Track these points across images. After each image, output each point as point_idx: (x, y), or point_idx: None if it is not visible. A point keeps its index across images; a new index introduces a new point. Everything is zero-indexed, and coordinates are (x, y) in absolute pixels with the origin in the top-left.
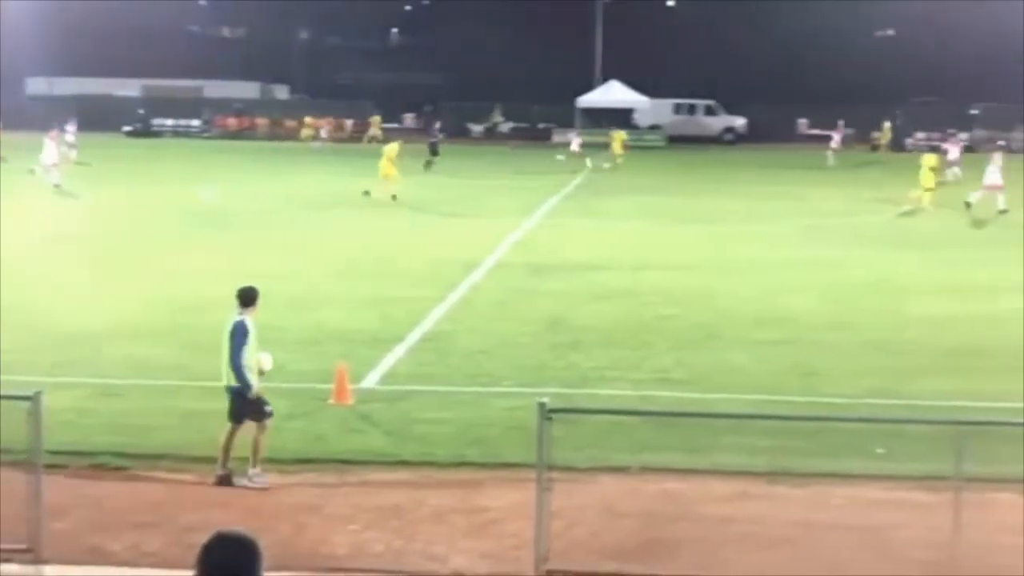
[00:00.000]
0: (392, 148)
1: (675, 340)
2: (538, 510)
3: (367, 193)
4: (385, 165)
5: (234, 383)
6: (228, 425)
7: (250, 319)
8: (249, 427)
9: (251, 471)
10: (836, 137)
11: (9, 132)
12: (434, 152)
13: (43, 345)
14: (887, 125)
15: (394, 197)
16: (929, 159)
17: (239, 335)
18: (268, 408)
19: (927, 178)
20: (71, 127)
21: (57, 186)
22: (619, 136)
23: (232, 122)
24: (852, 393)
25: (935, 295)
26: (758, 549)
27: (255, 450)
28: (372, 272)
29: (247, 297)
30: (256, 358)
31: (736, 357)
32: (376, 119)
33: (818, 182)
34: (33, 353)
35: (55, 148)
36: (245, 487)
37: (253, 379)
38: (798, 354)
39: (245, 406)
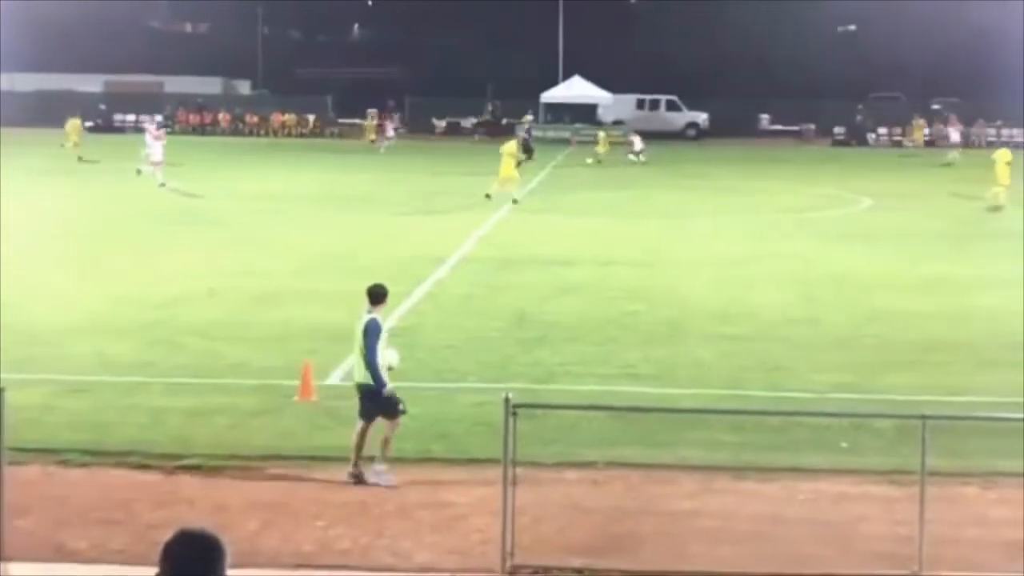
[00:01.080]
0: (511, 146)
1: (641, 335)
2: (504, 505)
3: (488, 197)
4: (506, 165)
5: (367, 381)
6: (359, 423)
7: (380, 316)
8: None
9: (378, 467)
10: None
11: None
12: (527, 151)
13: (8, 341)
14: (920, 122)
15: (515, 201)
16: (1004, 154)
17: (373, 333)
18: (401, 406)
19: (1003, 174)
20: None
21: (162, 185)
22: (606, 135)
23: (194, 117)
24: (817, 388)
25: (900, 290)
26: (723, 544)
27: (384, 447)
28: (338, 268)
29: (376, 295)
30: (385, 355)
31: (702, 352)
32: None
33: (781, 177)
34: None
35: (160, 146)
36: (375, 484)
37: (386, 377)
38: (763, 349)
39: (377, 404)
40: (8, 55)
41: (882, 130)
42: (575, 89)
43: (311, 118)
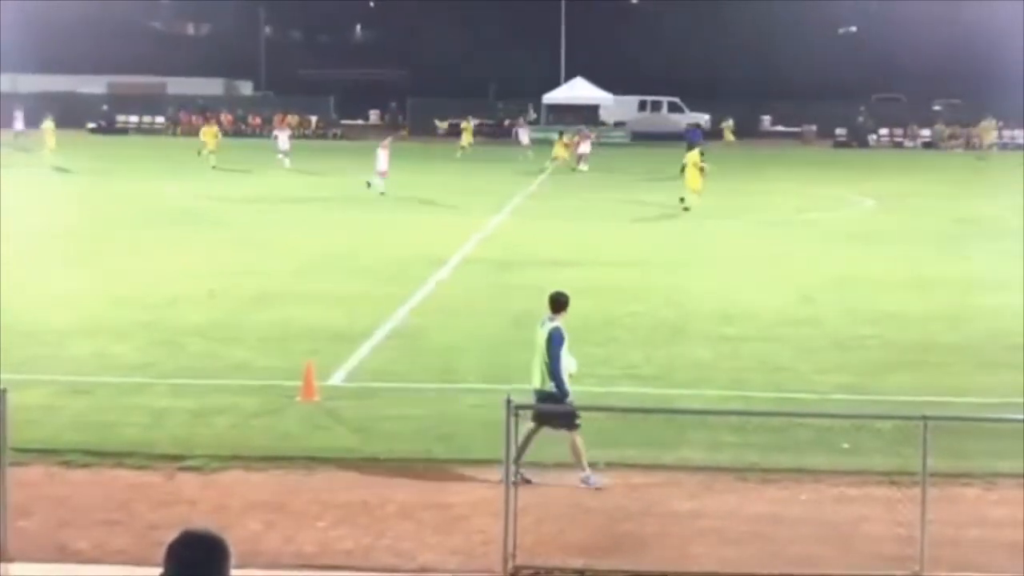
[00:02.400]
0: (695, 156)
1: (642, 336)
2: (506, 506)
3: (685, 207)
4: (693, 176)
5: (546, 388)
6: (530, 425)
7: (562, 324)
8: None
9: (584, 474)
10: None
11: None
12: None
13: (9, 342)
14: (989, 123)
15: (686, 208)
16: None
17: (557, 341)
18: (577, 420)
19: None
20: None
21: (382, 194)
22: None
23: (196, 118)
24: (819, 388)
25: (901, 291)
26: (725, 544)
27: (577, 453)
28: (339, 269)
29: (558, 302)
30: (567, 363)
31: (703, 353)
32: (467, 127)
33: (783, 178)
34: None
35: (386, 156)
36: (584, 487)
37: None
38: (765, 350)
39: (563, 414)
40: (10, 56)
41: (883, 131)
42: (577, 90)
43: (313, 119)
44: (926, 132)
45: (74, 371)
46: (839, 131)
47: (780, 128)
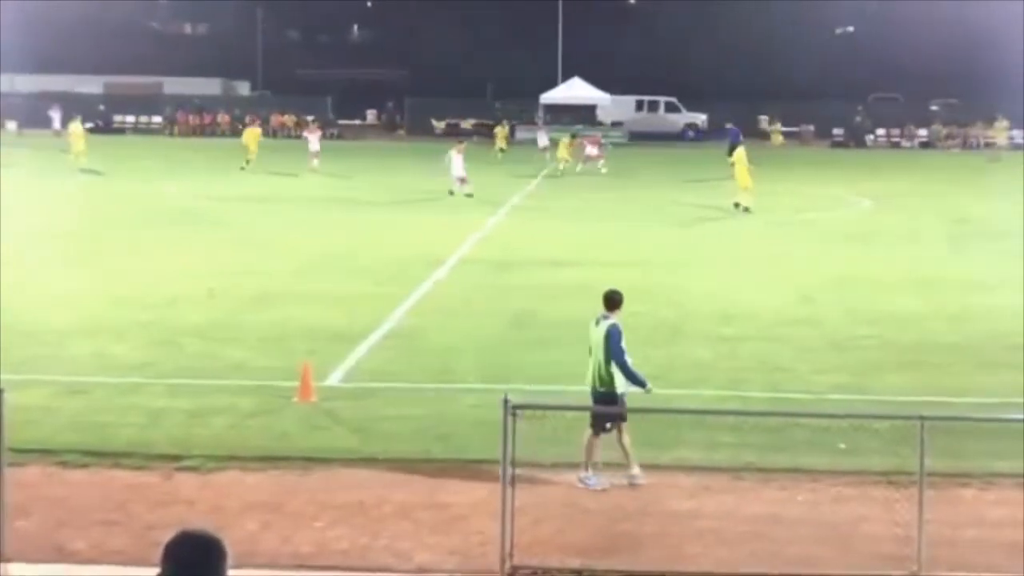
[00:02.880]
0: (742, 154)
1: (641, 336)
2: (503, 506)
3: (747, 210)
4: (742, 173)
5: (601, 388)
6: (587, 432)
7: (619, 322)
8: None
9: (634, 471)
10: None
11: None
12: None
13: (8, 342)
14: (1001, 124)
15: (746, 209)
16: None
17: (616, 338)
18: (608, 425)
19: None
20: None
21: (469, 195)
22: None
23: (193, 119)
24: (816, 388)
25: (899, 291)
26: (722, 544)
27: (590, 453)
28: (336, 269)
29: (613, 300)
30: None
31: (701, 353)
32: (501, 131)
33: (780, 178)
34: None
35: (461, 161)
36: (636, 484)
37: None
38: (762, 350)
39: (610, 414)
40: (8, 56)
41: (880, 131)
42: (574, 90)
43: (310, 119)
44: (923, 132)
45: (72, 371)
46: (836, 131)
47: (778, 127)
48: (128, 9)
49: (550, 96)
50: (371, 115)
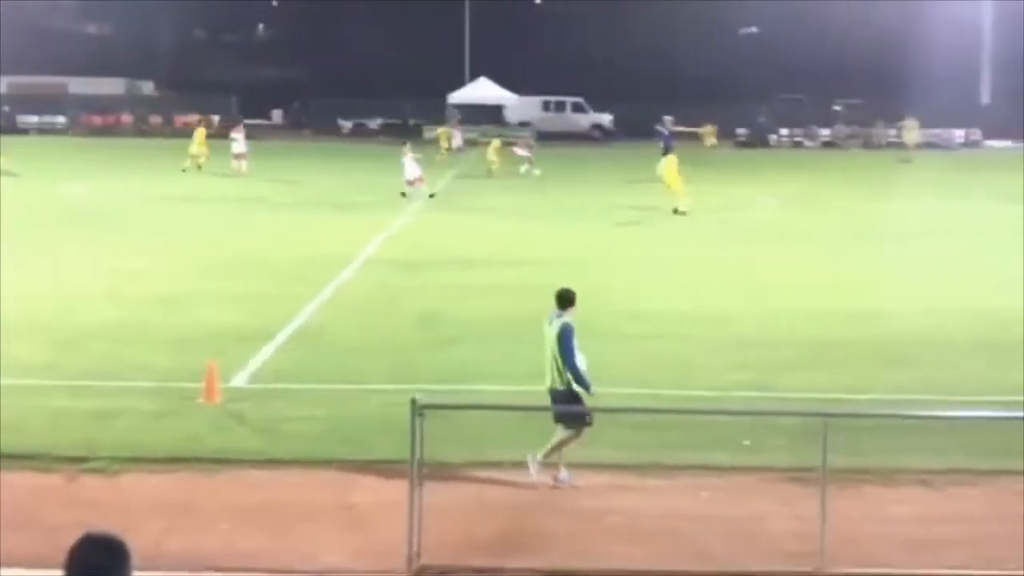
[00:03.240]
0: (673, 159)
1: None
2: (411, 506)
3: (683, 212)
4: (674, 178)
5: (560, 386)
6: (558, 428)
7: (571, 320)
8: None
9: (563, 474)
10: None
11: None
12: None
13: None
14: (912, 123)
15: (684, 212)
16: None
17: (568, 337)
18: (589, 418)
19: None
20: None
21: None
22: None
23: (97, 119)
24: (723, 386)
25: (803, 290)
26: (630, 541)
27: (557, 449)
28: (241, 269)
29: (566, 298)
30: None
31: (609, 351)
32: (444, 132)
33: (684, 178)
34: None
35: (411, 163)
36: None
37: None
38: (670, 348)
39: (568, 413)
40: None
41: (784, 131)
42: (481, 90)
43: (216, 119)
44: (826, 132)
45: None
46: (740, 131)
47: (682, 128)
48: (32, 8)
49: (458, 96)
50: (277, 115)
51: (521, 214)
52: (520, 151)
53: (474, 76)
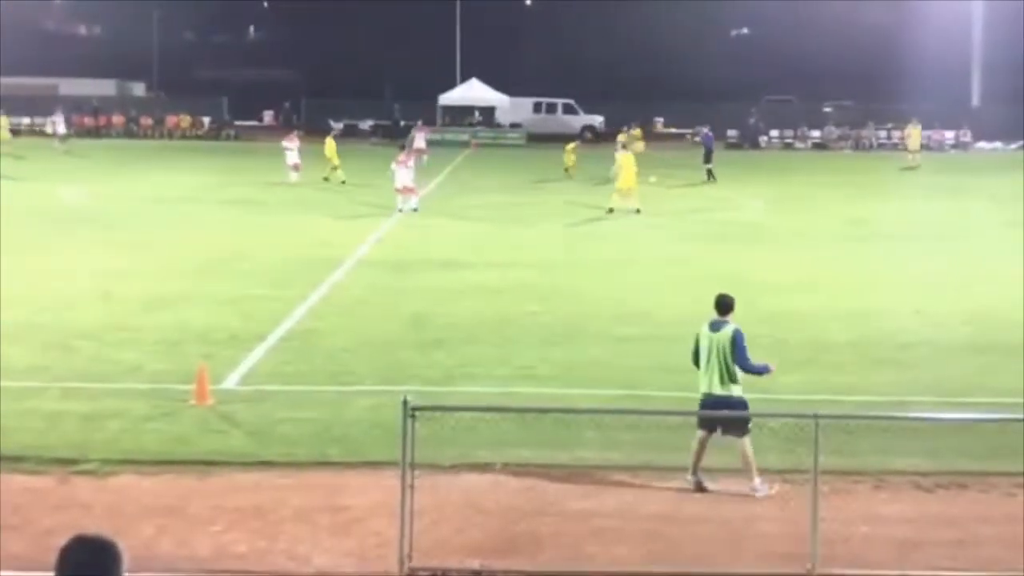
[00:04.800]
0: (629, 158)
1: (539, 336)
2: (402, 508)
3: (637, 210)
4: (628, 176)
5: (720, 392)
6: (700, 433)
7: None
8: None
9: (753, 483)
10: None
11: None
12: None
13: None
14: (915, 128)
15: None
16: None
17: (743, 339)
18: (749, 425)
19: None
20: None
21: (414, 210)
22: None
23: (89, 120)
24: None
25: (793, 291)
26: (620, 543)
27: (748, 461)
28: (232, 271)
29: (727, 304)
30: None
31: (598, 353)
32: (572, 146)
33: (675, 179)
34: None
35: (404, 171)
36: (757, 496)
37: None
38: (658, 349)
39: (735, 419)
40: None
41: (774, 133)
42: (473, 91)
43: (206, 120)
44: (816, 133)
45: None
46: (731, 133)
47: (673, 130)
48: (22, 9)
49: (448, 97)
50: (268, 116)
51: (505, 216)
52: (420, 142)
53: (465, 77)
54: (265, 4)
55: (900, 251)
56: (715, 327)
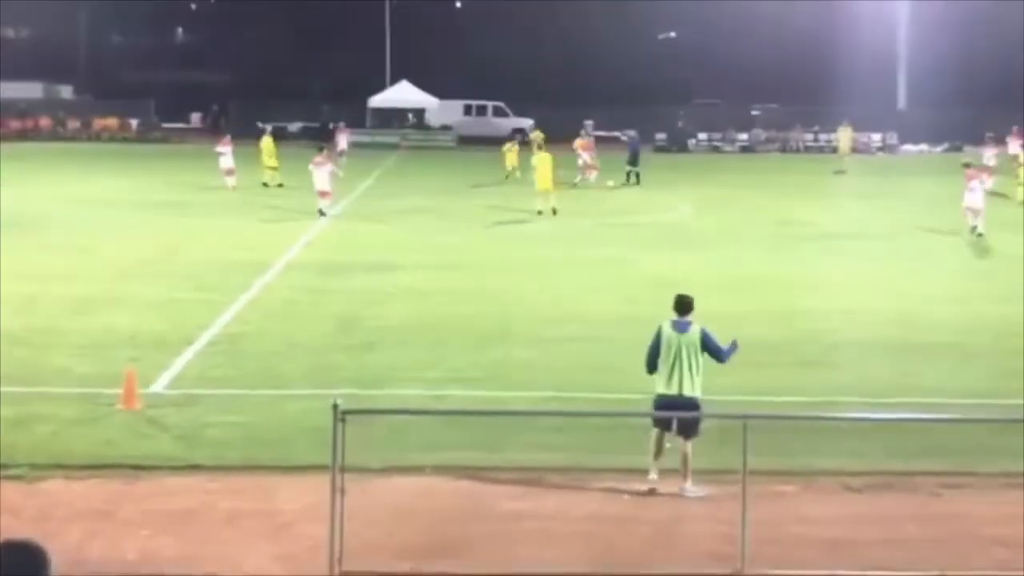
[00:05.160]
0: (545, 158)
1: (469, 339)
2: (332, 512)
3: (554, 211)
4: (544, 177)
5: (691, 393)
6: (654, 432)
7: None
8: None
9: (688, 485)
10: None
11: None
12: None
13: None
14: (846, 131)
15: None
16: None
17: (713, 337)
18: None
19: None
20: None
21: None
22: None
23: (15, 123)
24: (642, 388)
25: (721, 292)
26: (551, 545)
27: (687, 463)
28: (160, 274)
29: (688, 304)
30: None
31: (529, 354)
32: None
33: (602, 183)
34: None
35: (322, 173)
36: (693, 498)
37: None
38: (589, 350)
39: (688, 421)
40: None
41: (702, 136)
42: (403, 93)
43: (134, 122)
44: (744, 136)
45: None
46: (659, 135)
47: (602, 133)
48: None
49: (378, 99)
50: (196, 118)
51: (434, 218)
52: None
53: (395, 79)
54: (193, 6)
55: (826, 252)
56: (680, 328)
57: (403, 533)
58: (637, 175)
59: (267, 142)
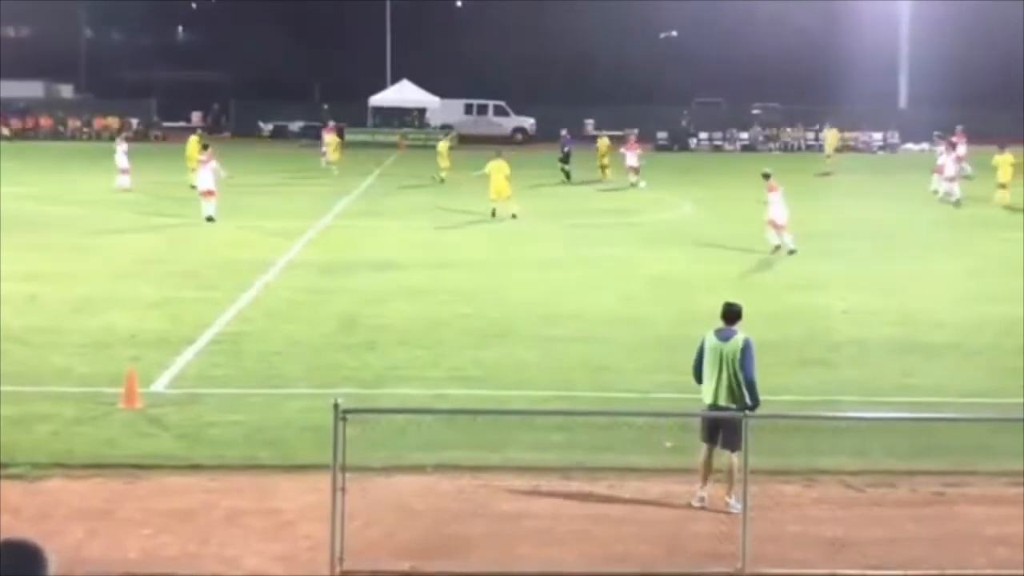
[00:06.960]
0: (499, 164)
1: (469, 338)
2: (333, 511)
3: (514, 216)
4: (501, 182)
5: (732, 404)
6: (703, 448)
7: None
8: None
9: (730, 500)
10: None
11: None
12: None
13: None
14: (833, 132)
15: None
16: (1007, 157)
17: (752, 349)
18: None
19: (1005, 174)
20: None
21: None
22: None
23: (16, 122)
24: (642, 388)
25: (720, 291)
26: (551, 544)
27: (732, 476)
28: (161, 274)
29: (736, 313)
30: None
31: (529, 354)
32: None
33: (604, 183)
34: None
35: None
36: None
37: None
38: (589, 350)
39: (733, 431)
40: None
41: (703, 135)
42: (404, 93)
43: (134, 121)
44: (744, 135)
45: None
46: (661, 135)
47: (603, 132)
48: None
49: (379, 98)
50: (196, 117)
51: (435, 217)
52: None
53: (396, 79)
54: (194, 5)
55: (826, 250)
56: (724, 336)
57: (403, 532)
58: (567, 173)
59: (192, 142)
